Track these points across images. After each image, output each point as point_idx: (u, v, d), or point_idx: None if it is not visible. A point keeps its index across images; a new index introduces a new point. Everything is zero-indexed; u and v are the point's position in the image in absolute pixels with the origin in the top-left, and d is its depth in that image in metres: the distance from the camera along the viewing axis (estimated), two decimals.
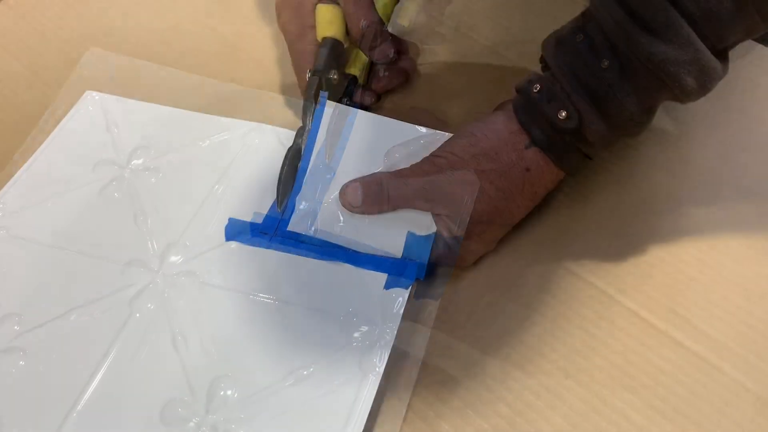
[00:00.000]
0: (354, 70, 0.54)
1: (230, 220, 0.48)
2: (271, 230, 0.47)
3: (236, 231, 0.48)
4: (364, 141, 0.48)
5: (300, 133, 0.50)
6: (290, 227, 0.47)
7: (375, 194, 0.45)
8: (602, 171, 0.52)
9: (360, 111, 0.50)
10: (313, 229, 0.47)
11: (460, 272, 0.47)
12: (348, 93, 0.54)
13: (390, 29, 0.56)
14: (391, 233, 0.45)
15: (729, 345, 0.44)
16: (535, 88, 0.42)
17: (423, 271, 0.45)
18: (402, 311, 0.43)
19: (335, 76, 0.50)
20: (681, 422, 0.41)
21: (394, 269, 0.45)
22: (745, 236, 0.49)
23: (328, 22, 0.50)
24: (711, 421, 0.41)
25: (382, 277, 0.45)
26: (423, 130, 0.48)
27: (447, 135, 0.47)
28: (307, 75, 0.50)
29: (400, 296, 0.44)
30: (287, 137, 0.53)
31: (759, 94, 0.56)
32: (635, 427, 0.41)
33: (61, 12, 0.65)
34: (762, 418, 0.41)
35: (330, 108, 0.49)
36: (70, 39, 0.62)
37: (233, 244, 0.47)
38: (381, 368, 0.41)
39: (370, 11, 0.51)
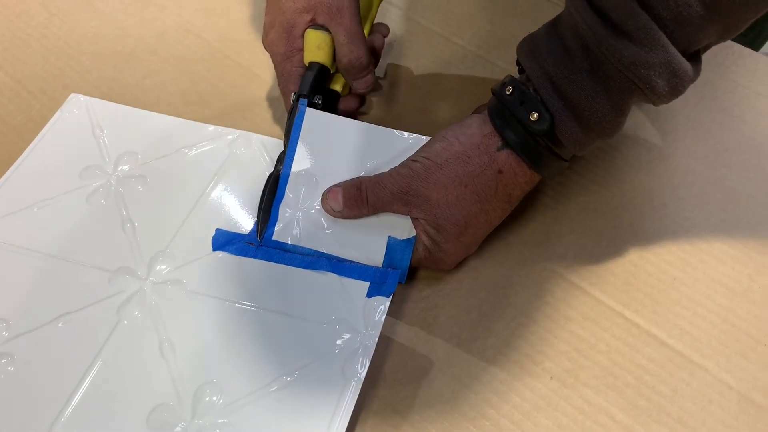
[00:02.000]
0: (336, 86, 0.54)
1: (217, 230, 0.48)
2: (256, 240, 0.48)
3: (223, 241, 0.48)
4: (346, 147, 0.48)
5: (281, 159, 0.50)
6: (275, 236, 0.47)
7: (354, 198, 0.45)
8: (586, 172, 0.53)
9: (340, 117, 0.50)
10: (297, 237, 0.47)
11: (445, 275, 0.48)
12: (332, 109, 0.54)
13: None
14: (372, 240, 0.46)
15: (712, 344, 0.44)
16: (508, 91, 0.43)
17: (404, 276, 0.45)
18: (384, 318, 0.44)
19: (319, 102, 0.50)
20: (665, 421, 0.42)
21: (376, 277, 0.45)
22: (727, 235, 0.49)
23: (316, 47, 0.50)
24: (695, 419, 0.42)
25: (364, 286, 0.45)
26: (404, 134, 0.49)
27: (427, 139, 0.47)
28: (291, 98, 0.50)
29: (382, 304, 0.44)
30: (273, 146, 0.53)
31: (740, 95, 0.57)
32: (620, 426, 0.41)
33: (46, 21, 0.65)
34: (745, 415, 0.42)
35: (310, 115, 0.49)
36: (54, 48, 0.62)
37: (219, 254, 0.48)
38: (363, 374, 0.42)
39: (362, 45, 0.50)
